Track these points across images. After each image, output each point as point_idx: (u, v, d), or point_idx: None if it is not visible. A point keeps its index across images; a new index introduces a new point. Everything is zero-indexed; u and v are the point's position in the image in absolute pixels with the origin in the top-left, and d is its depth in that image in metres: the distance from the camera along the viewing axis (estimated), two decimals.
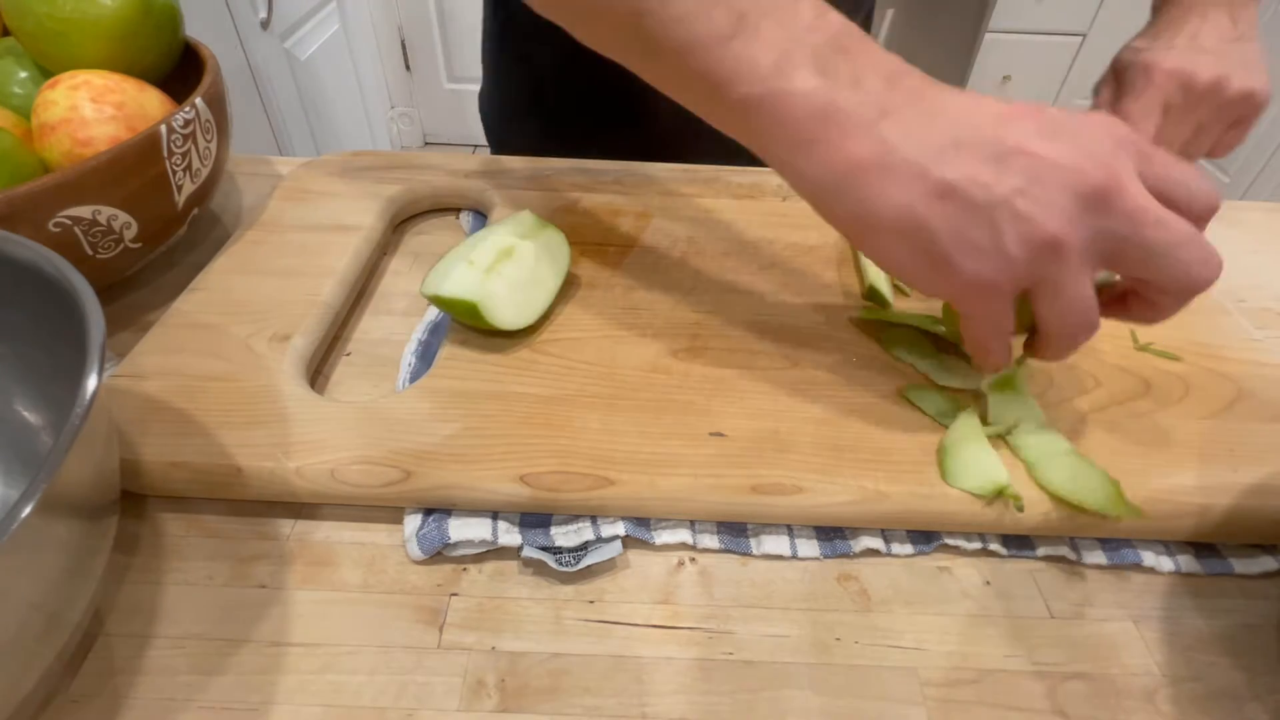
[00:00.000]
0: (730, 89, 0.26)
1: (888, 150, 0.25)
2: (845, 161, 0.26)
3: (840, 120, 0.25)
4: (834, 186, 0.26)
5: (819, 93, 0.25)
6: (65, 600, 0.21)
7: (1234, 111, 0.45)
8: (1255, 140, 2.04)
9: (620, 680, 0.26)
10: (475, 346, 0.36)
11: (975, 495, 0.29)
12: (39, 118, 0.36)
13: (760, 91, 0.26)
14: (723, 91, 0.26)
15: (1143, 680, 0.27)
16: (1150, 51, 0.45)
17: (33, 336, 0.27)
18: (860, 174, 0.25)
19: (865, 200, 0.26)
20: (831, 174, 0.26)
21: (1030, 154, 0.25)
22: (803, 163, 0.27)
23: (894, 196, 0.25)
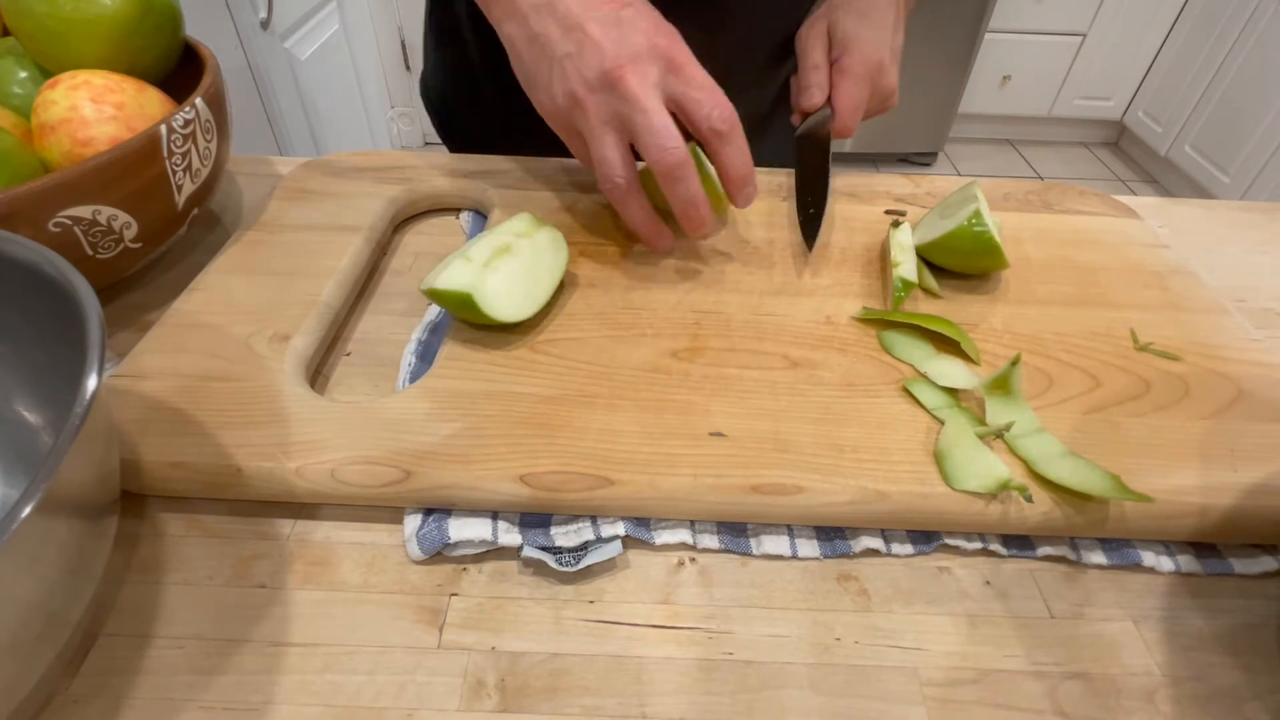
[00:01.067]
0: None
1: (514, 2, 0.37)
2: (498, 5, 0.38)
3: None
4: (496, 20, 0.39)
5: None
6: (65, 600, 0.21)
7: (879, 110, 0.49)
8: (1255, 140, 2.04)
9: (620, 680, 0.26)
10: (475, 346, 0.36)
11: (980, 494, 0.29)
12: (39, 118, 0.36)
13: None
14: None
15: (1143, 680, 0.27)
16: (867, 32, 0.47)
17: (33, 336, 0.27)
18: (503, 10, 0.38)
19: (504, 29, 0.38)
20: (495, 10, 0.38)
21: (586, 33, 0.35)
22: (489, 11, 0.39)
23: (508, 28, 0.38)
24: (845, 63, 0.45)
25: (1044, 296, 0.41)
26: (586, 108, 0.35)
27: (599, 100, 0.35)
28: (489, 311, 0.34)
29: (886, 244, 0.44)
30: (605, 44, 0.34)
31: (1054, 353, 0.37)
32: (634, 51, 0.34)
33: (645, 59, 0.35)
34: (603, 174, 0.37)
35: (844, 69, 0.45)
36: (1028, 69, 2.44)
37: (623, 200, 0.38)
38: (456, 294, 0.34)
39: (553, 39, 0.36)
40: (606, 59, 0.34)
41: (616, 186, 0.37)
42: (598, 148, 0.36)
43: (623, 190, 0.38)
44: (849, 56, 0.45)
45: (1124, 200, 0.51)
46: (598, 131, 0.36)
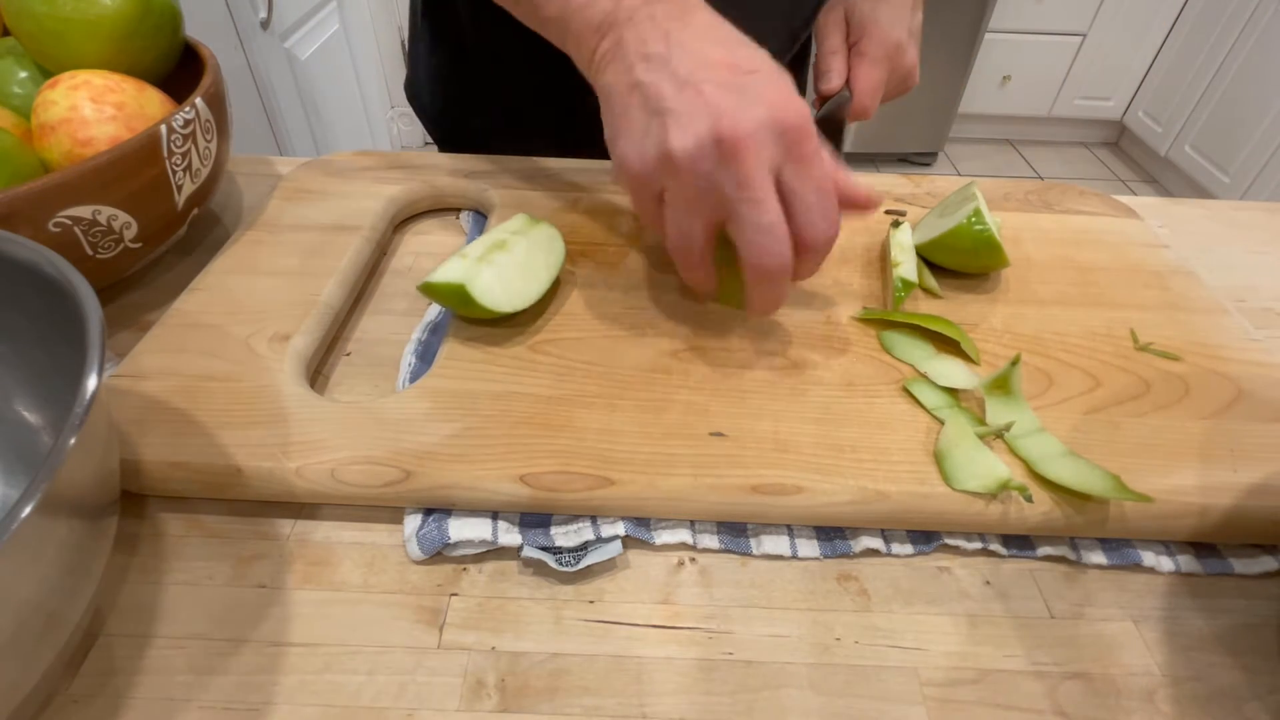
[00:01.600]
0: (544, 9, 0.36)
1: (618, 46, 0.32)
2: (595, 52, 0.34)
3: (603, 28, 0.33)
4: (594, 73, 0.34)
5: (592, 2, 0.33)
6: (65, 600, 0.21)
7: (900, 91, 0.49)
8: (1255, 140, 2.04)
9: (620, 680, 0.26)
10: (475, 346, 0.36)
11: (981, 494, 0.29)
12: (39, 118, 0.36)
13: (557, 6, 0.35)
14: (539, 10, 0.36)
15: (1143, 680, 0.27)
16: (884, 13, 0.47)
17: (33, 336, 0.27)
18: (599, 59, 0.34)
19: (596, 76, 0.34)
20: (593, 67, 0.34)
21: (701, 93, 0.30)
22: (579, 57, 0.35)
23: (608, 77, 0.33)
24: (863, 46, 0.45)
25: (1044, 296, 0.41)
26: (681, 174, 0.30)
27: (701, 171, 0.30)
28: (483, 302, 0.34)
29: (886, 244, 0.44)
30: (723, 107, 0.29)
31: (1054, 353, 0.37)
32: (755, 123, 0.29)
33: (766, 134, 0.29)
34: (678, 246, 0.33)
35: (862, 52, 0.45)
36: (1028, 69, 2.44)
37: (690, 269, 0.35)
38: (451, 286, 0.34)
39: (661, 91, 0.30)
40: (723, 124, 0.29)
41: (690, 262, 0.34)
42: (683, 221, 0.32)
43: (694, 264, 0.34)
44: (867, 39, 0.45)
45: (1124, 200, 0.51)
46: (689, 205, 0.31)
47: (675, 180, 0.31)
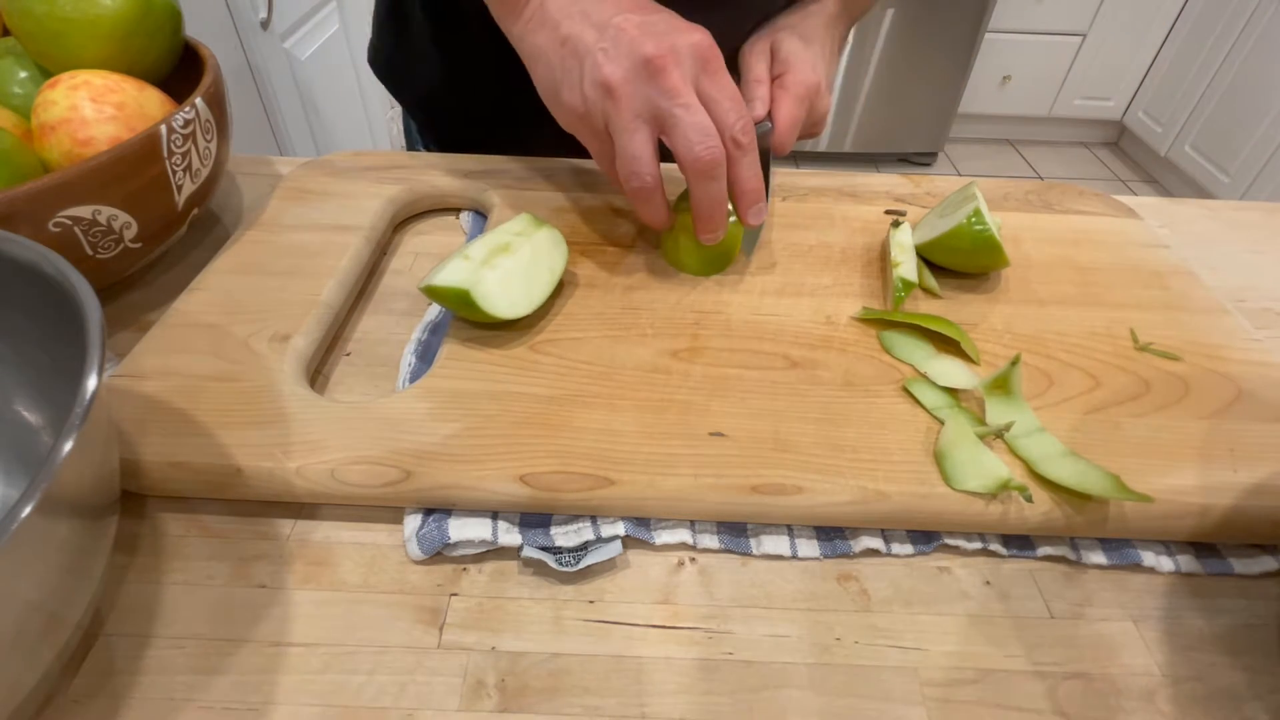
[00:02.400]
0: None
1: (541, 10, 0.37)
2: (522, 19, 0.38)
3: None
4: (518, 36, 0.39)
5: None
6: (65, 600, 0.21)
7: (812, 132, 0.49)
8: (1255, 140, 2.04)
9: (620, 680, 0.26)
10: (475, 346, 0.36)
11: (981, 494, 0.29)
12: (39, 118, 0.36)
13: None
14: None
15: (1143, 680, 0.27)
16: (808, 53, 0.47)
17: (33, 336, 0.27)
18: (526, 25, 0.38)
19: (529, 42, 0.38)
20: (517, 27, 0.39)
21: (620, 28, 0.35)
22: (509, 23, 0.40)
23: (538, 39, 0.38)
24: (788, 80, 0.45)
25: (1044, 296, 0.41)
26: (619, 98, 0.34)
27: (634, 90, 0.34)
28: (486, 308, 0.34)
29: (886, 244, 0.44)
30: (643, 37, 0.34)
31: (1054, 353, 0.37)
32: (672, 45, 0.34)
33: (682, 53, 0.34)
34: (630, 170, 0.36)
35: (786, 86, 0.45)
36: (1028, 69, 2.44)
37: (646, 199, 0.38)
38: (454, 290, 0.34)
39: (585, 37, 0.35)
40: (647, 48, 0.34)
41: (644, 185, 0.37)
42: (627, 142, 0.35)
43: (649, 188, 0.37)
44: (791, 75, 0.45)
45: (1124, 200, 0.51)
46: (630, 124, 0.35)
47: (614, 105, 0.35)
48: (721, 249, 0.41)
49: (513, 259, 0.37)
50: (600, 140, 0.38)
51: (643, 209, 0.39)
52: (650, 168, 0.36)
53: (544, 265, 0.38)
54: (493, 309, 0.35)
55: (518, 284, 0.36)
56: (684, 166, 0.36)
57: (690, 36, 0.35)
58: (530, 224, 0.40)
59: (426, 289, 0.35)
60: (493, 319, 0.35)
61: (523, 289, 0.36)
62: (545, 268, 0.38)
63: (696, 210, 0.37)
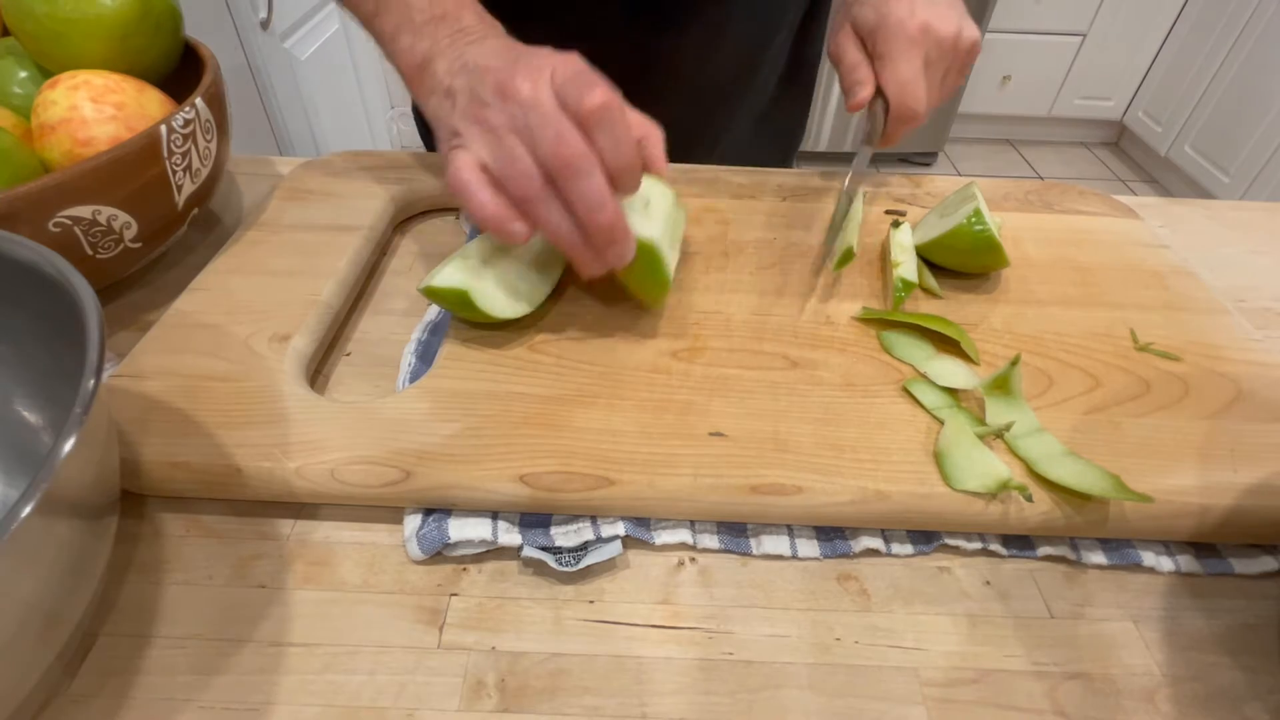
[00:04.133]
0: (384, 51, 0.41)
1: (433, 77, 0.37)
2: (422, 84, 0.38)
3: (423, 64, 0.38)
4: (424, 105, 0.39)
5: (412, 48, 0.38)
6: (65, 600, 0.21)
7: (964, 60, 0.47)
8: (1255, 140, 2.04)
9: (620, 680, 0.26)
10: (475, 346, 0.36)
11: (981, 494, 0.29)
12: (39, 118, 0.36)
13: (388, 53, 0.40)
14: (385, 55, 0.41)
15: (1143, 680, 0.27)
16: (893, 7, 0.44)
17: (33, 336, 0.27)
18: (422, 89, 0.38)
19: (423, 100, 0.38)
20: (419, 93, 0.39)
21: (486, 68, 0.35)
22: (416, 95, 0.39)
23: (432, 102, 0.37)
24: (879, 48, 0.42)
25: (1044, 296, 0.41)
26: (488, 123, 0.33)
27: (496, 113, 0.33)
28: (485, 309, 0.34)
29: (887, 244, 0.44)
30: (496, 64, 0.34)
31: (1054, 353, 0.37)
32: (524, 64, 0.33)
33: (536, 68, 0.33)
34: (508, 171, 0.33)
35: (880, 54, 0.42)
36: (1028, 69, 2.43)
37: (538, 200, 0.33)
38: (453, 291, 0.34)
39: (458, 85, 0.35)
40: (498, 73, 0.33)
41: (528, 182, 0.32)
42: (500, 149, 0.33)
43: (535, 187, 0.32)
44: (880, 40, 0.42)
45: (1124, 200, 0.51)
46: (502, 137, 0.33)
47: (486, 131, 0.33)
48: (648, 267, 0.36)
49: (511, 259, 0.37)
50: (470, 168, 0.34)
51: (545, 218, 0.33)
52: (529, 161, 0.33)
53: (543, 265, 0.38)
54: (493, 310, 0.35)
55: (517, 284, 0.36)
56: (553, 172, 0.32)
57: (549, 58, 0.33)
58: None
59: (427, 290, 0.35)
60: (492, 319, 0.35)
61: (523, 289, 0.37)
62: (544, 268, 0.38)
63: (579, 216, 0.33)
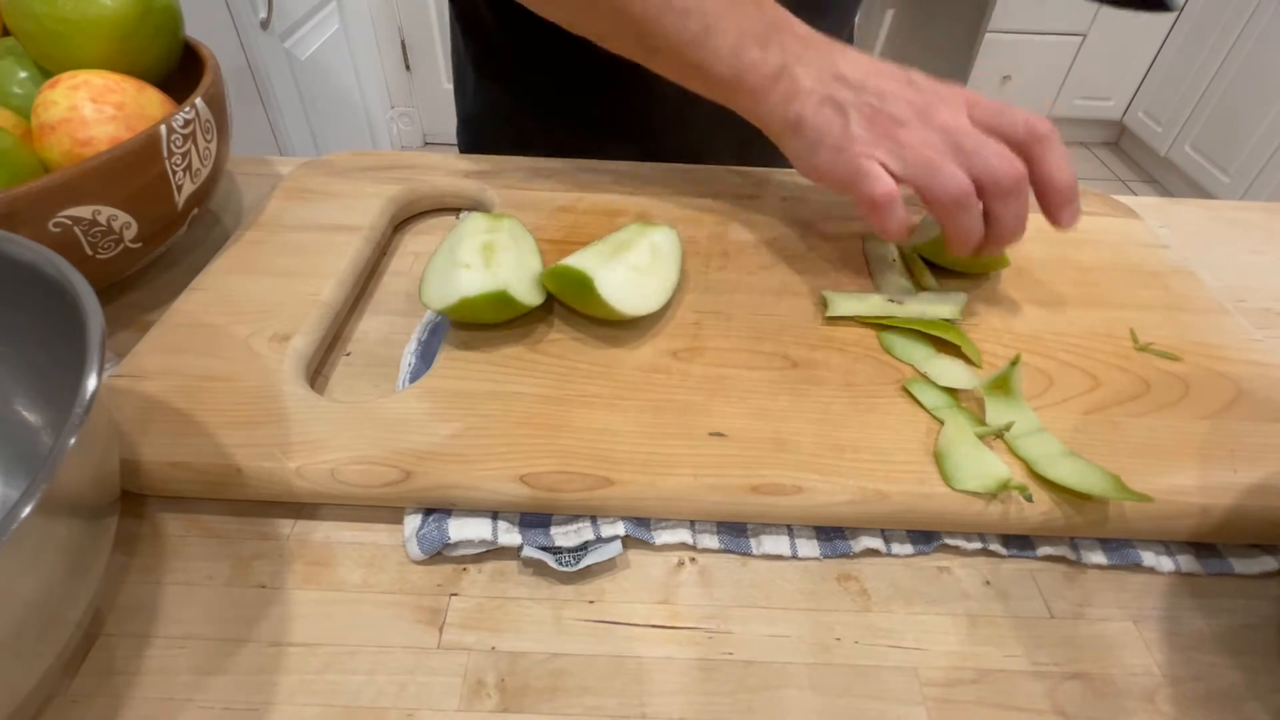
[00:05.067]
0: (710, 70, 0.39)
1: (793, 83, 0.38)
2: (774, 94, 0.39)
3: (778, 75, 0.38)
4: (768, 111, 0.39)
5: (763, 60, 0.38)
6: (65, 600, 0.21)
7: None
8: (1255, 140, 2.04)
9: (620, 680, 0.26)
10: (475, 346, 0.36)
11: (981, 494, 0.29)
12: (39, 118, 0.36)
13: (729, 69, 0.39)
14: (705, 73, 0.39)
15: (1143, 680, 0.27)
16: None
17: (33, 336, 0.27)
18: (779, 99, 0.38)
19: (779, 113, 0.39)
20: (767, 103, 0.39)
21: (887, 93, 0.36)
22: (757, 106, 0.39)
23: (796, 108, 0.38)
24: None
25: (1044, 296, 0.41)
26: (908, 142, 0.35)
27: (916, 131, 0.35)
28: (526, 301, 0.35)
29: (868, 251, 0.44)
30: (900, 92, 0.36)
31: (1054, 353, 0.37)
32: (932, 93, 0.36)
33: (947, 102, 0.36)
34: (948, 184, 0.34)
35: None
36: (1028, 69, 2.43)
37: (970, 208, 0.35)
38: (487, 296, 0.34)
39: (844, 97, 0.37)
40: (916, 103, 0.35)
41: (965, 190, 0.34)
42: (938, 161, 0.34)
43: (969, 195, 0.34)
44: None
45: (1124, 200, 0.51)
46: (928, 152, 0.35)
47: (911, 150, 0.35)
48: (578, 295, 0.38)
49: (504, 254, 0.37)
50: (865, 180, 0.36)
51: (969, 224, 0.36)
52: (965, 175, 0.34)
53: (526, 252, 0.39)
54: (531, 300, 0.35)
55: (524, 275, 0.37)
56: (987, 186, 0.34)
57: (938, 84, 0.37)
58: (489, 221, 0.40)
59: (456, 305, 0.34)
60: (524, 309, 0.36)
61: (529, 278, 0.37)
62: (528, 254, 0.39)
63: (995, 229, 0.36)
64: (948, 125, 0.35)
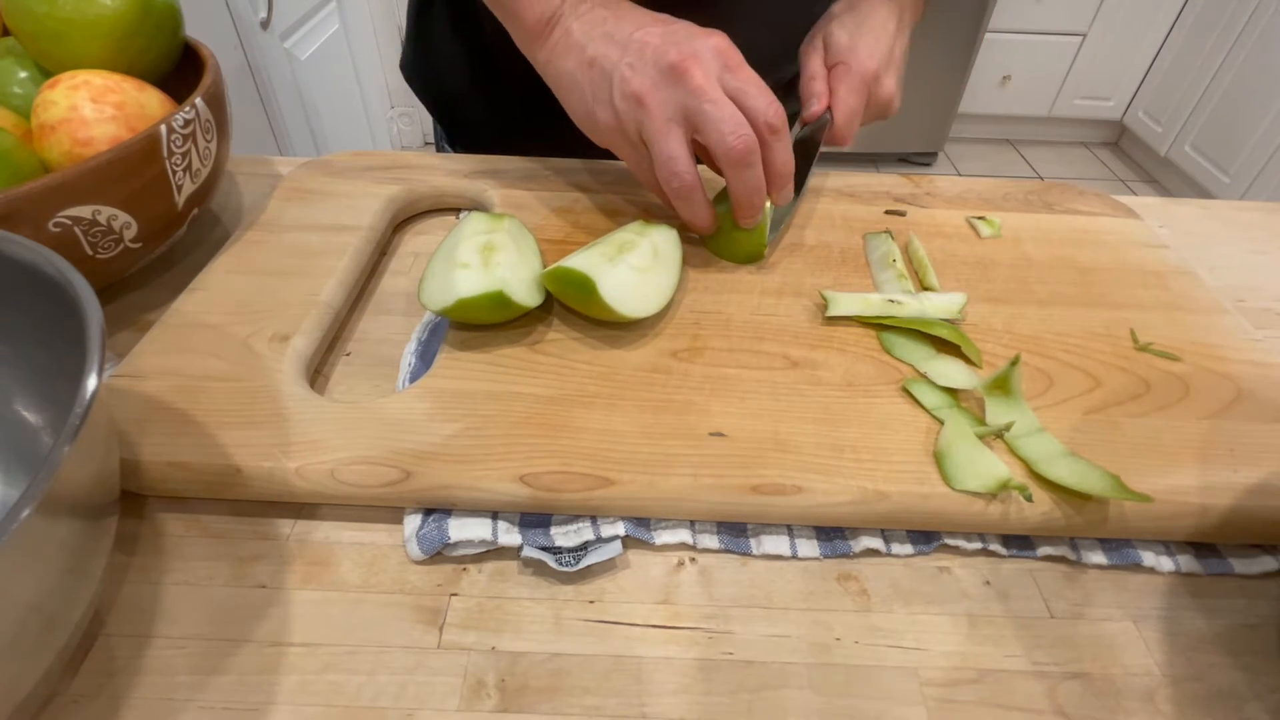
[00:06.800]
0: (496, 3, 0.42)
1: (566, 35, 0.39)
2: (547, 45, 0.40)
3: (552, 21, 0.40)
4: (544, 61, 0.41)
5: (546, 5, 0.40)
6: (65, 600, 0.21)
7: (879, 116, 0.49)
8: (1255, 140, 2.04)
9: (620, 680, 0.26)
10: (475, 347, 0.36)
11: (981, 494, 0.29)
12: (39, 118, 0.36)
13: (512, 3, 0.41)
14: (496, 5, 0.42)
15: (1143, 680, 0.27)
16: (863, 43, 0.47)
17: (33, 336, 0.27)
18: (552, 51, 0.40)
19: (556, 67, 0.40)
20: (542, 54, 0.41)
21: (643, 42, 0.37)
22: (534, 49, 0.42)
23: (566, 64, 0.39)
24: (839, 71, 0.46)
25: (1044, 296, 0.41)
26: (650, 105, 0.36)
27: (663, 96, 0.36)
28: (522, 301, 0.35)
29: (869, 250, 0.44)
30: (664, 45, 0.36)
31: (1054, 353, 0.37)
32: (693, 49, 0.36)
33: (704, 55, 0.36)
34: (669, 171, 0.38)
35: (838, 77, 0.46)
36: (1028, 69, 2.43)
37: (687, 197, 0.39)
38: (484, 296, 0.34)
39: (611, 55, 0.37)
40: (670, 55, 0.36)
41: (684, 183, 0.38)
42: (663, 145, 0.37)
43: (689, 186, 0.38)
44: (843, 66, 0.46)
45: (1124, 200, 0.51)
46: (662, 129, 0.37)
47: (646, 113, 0.37)
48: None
49: (503, 253, 0.37)
50: (637, 151, 0.39)
51: (685, 209, 0.40)
52: (687, 166, 0.38)
53: (527, 251, 0.39)
54: (527, 300, 0.35)
55: (524, 275, 0.37)
56: (720, 159, 0.37)
57: (709, 39, 0.37)
58: (489, 220, 0.40)
59: (455, 304, 0.34)
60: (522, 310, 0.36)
61: (529, 278, 0.37)
62: (529, 253, 0.39)
63: (736, 199, 0.39)
64: (695, 86, 0.36)
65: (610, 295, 0.34)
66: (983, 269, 0.43)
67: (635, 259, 0.38)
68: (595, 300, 0.34)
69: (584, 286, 0.34)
